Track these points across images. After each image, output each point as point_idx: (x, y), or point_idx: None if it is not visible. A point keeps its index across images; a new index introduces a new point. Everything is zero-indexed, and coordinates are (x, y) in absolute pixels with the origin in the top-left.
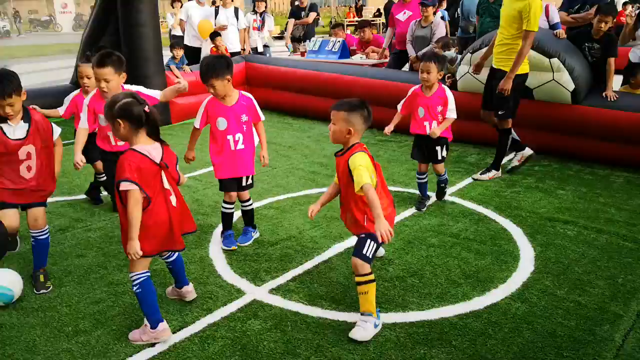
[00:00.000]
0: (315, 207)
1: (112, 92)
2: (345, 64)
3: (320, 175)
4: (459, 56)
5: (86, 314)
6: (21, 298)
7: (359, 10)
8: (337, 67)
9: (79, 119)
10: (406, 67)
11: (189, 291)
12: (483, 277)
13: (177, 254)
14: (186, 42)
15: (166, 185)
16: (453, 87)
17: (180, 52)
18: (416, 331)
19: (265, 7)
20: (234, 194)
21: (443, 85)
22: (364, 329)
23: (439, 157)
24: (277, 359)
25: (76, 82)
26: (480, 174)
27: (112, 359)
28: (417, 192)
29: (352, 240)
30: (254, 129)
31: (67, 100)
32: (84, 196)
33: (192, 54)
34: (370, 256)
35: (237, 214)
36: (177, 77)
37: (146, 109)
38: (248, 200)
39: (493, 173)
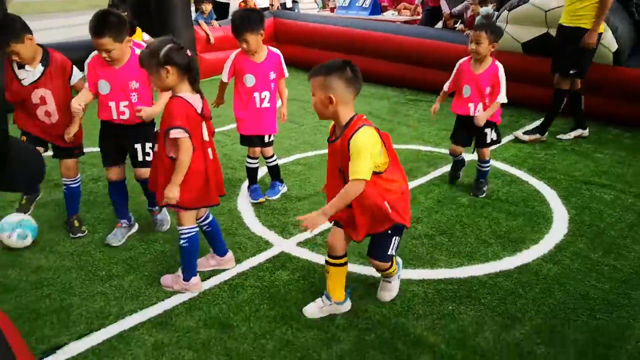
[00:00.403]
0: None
1: (119, 60)
2: (376, 20)
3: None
4: (496, 13)
5: (119, 260)
6: (57, 242)
7: None
8: (367, 23)
9: None
10: (439, 25)
11: (230, 259)
12: (514, 237)
13: (212, 216)
14: None
15: (205, 137)
16: None
17: (208, 7)
18: (444, 288)
19: None
20: (257, 149)
21: (497, 62)
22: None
23: (487, 141)
24: None
25: None
26: (523, 133)
27: (145, 302)
28: (447, 151)
29: None
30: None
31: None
32: None
33: (220, 9)
34: (395, 253)
35: (264, 170)
36: (205, 32)
37: (189, 52)
38: (272, 156)
39: (537, 136)
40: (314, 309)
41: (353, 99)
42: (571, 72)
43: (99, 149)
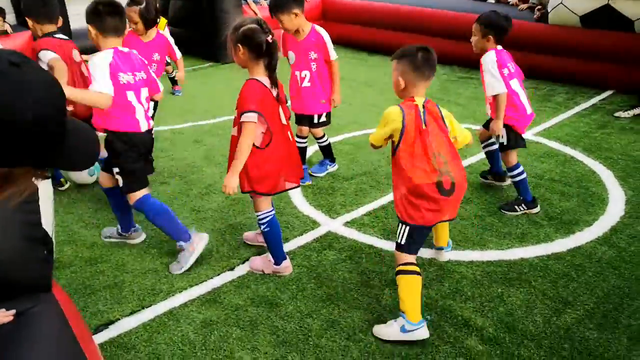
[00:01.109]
0: None
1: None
2: None
3: None
4: None
5: (167, 239)
6: (111, 221)
7: None
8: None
9: None
10: (492, 0)
11: (287, 266)
12: (567, 219)
13: (272, 213)
14: None
15: (284, 120)
16: (544, 19)
17: None
18: (494, 270)
19: None
20: (304, 128)
21: (487, 57)
22: (387, 327)
23: (499, 142)
24: (352, 289)
25: None
26: (624, 112)
27: (194, 280)
28: None
29: None
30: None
31: None
32: (166, 127)
33: None
34: (403, 242)
35: (315, 148)
36: (254, 11)
37: (269, 38)
38: (322, 137)
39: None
40: (381, 331)
41: (424, 83)
42: None
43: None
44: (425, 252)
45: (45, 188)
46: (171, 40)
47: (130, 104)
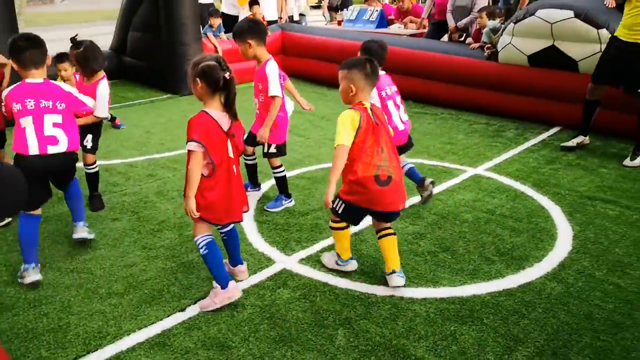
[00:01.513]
0: None
1: None
2: (383, 33)
3: None
4: (502, 26)
5: (119, 277)
6: (57, 259)
7: None
8: (373, 36)
9: None
10: (445, 38)
11: (242, 271)
12: (518, 255)
13: (233, 225)
14: (223, 9)
15: (231, 154)
16: (494, 57)
17: (217, 21)
18: (447, 307)
19: None
20: (249, 148)
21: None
22: (329, 257)
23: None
24: (306, 329)
25: (116, 47)
26: (631, 160)
27: (143, 322)
28: (452, 165)
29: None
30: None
31: None
32: (119, 161)
33: (230, 22)
34: (340, 211)
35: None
36: (213, 44)
37: (227, 76)
38: (277, 167)
39: None
40: (326, 260)
41: (370, 89)
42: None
43: (101, 163)
44: (379, 290)
45: None
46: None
47: (22, 129)
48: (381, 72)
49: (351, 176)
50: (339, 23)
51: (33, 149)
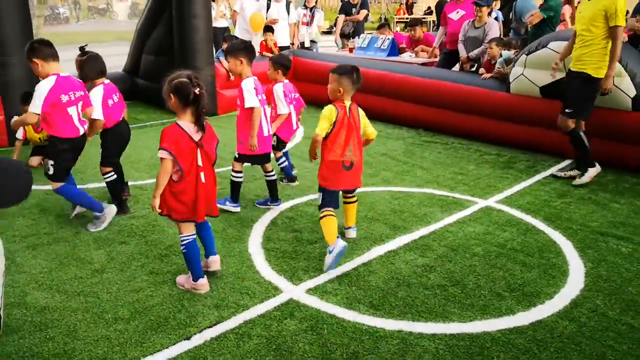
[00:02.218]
0: None
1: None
2: (394, 62)
3: (362, 174)
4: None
5: (125, 302)
6: (65, 281)
7: (409, 8)
8: (385, 64)
9: None
10: (456, 67)
11: (214, 261)
12: (529, 291)
13: (193, 237)
14: (237, 33)
15: (200, 162)
16: (506, 89)
17: None
18: (456, 344)
19: (316, 2)
20: (235, 163)
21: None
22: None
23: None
24: None
25: (130, 69)
26: (580, 179)
27: (149, 349)
28: (462, 196)
29: (393, 243)
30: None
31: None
32: (130, 183)
33: None
34: (320, 203)
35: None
36: (225, 69)
37: (197, 91)
38: (268, 171)
39: (593, 171)
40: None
41: (353, 91)
42: (566, 110)
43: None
44: (387, 324)
45: None
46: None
47: (70, 116)
48: (285, 80)
49: (324, 160)
50: (351, 50)
51: (79, 131)
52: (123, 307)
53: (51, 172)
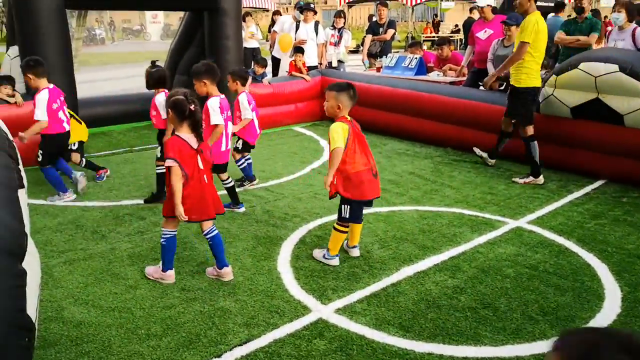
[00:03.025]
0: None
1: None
2: (422, 81)
3: (390, 193)
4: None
5: (158, 318)
6: (100, 297)
7: (436, 26)
8: (412, 83)
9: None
10: None
11: (228, 272)
12: (563, 315)
13: (216, 231)
14: (274, 53)
15: (201, 166)
16: (536, 108)
17: (261, 70)
18: None
19: (344, 22)
20: (222, 175)
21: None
22: (319, 251)
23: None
24: None
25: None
26: (520, 179)
27: None
28: (492, 216)
29: (422, 264)
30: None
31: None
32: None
33: (275, 65)
34: (348, 216)
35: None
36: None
37: (192, 107)
38: (224, 180)
39: (530, 179)
40: (317, 254)
41: (350, 108)
42: (512, 120)
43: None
44: (418, 346)
45: (32, 271)
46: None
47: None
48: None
49: (348, 173)
50: (378, 70)
51: (65, 128)
52: (156, 323)
53: (40, 159)
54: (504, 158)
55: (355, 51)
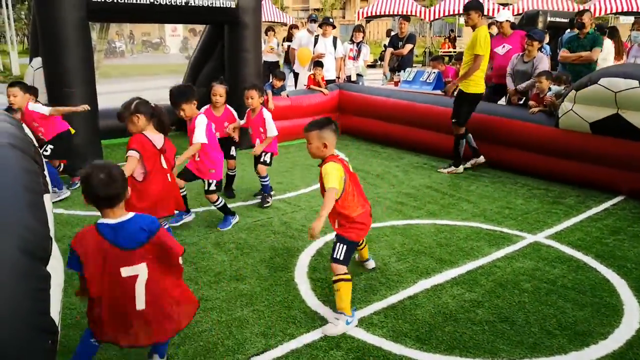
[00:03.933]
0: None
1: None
2: (440, 95)
3: (407, 207)
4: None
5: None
6: None
7: (452, 41)
8: (430, 97)
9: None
10: (502, 101)
11: None
12: (581, 330)
13: (167, 225)
14: (294, 68)
15: (164, 165)
16: (555, 124)
17: (279, 83)
18: None
19: (363, 37)
20: (180, 181)
21: (263, 109)
22: (335, 326)
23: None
24: None
25: None
26: (444, 169)
27: None
28: (510, 231)
29: (440, 277)
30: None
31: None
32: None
33: (295, 78)
34: (342, 258)
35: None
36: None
37: (153, 104)
38: (214, 201)
39: (452, 168)
40: (334, 330)
41: (335, 143)
42: (453, 120)
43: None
44: (435, 359)
45: (57, 274)
46: None
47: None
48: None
49: (350, 217)
50: (396, 84)
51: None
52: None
53: (48, 153)
54: (522, 174)
55: (373, 65)
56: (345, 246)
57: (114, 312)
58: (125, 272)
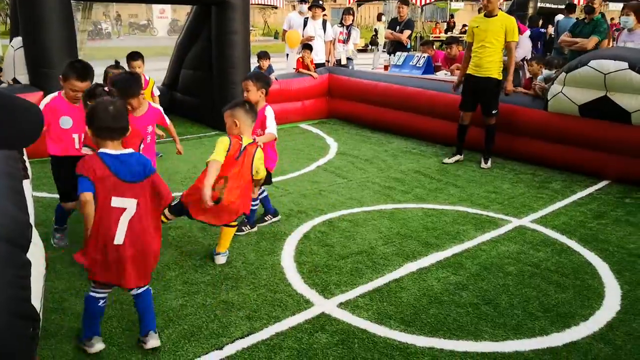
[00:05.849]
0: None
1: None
2: (429, 79)
3: (395, 191)
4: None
5: (159, 311)
6: None
7: (451, 28)
8: (419, 81)
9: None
10: None
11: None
12: (563, 312)
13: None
14: (287, 51)
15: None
16: (544, 107)
17: (266, 63)
18: None
19: (353, 20)
20: None
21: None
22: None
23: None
24: None
25: (169, 83)
26: (485, 163)
27: (181, 358)
28: (496, 215)
29: (425, 260)
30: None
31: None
32: None
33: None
34: (173, 210)
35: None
36: None
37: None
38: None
39: (489, 164)
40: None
41: (250, 124)
42: (494, 112)
43: None
44: (419, 340)
45: (38, 262)
46: None
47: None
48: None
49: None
50: (386, 68)
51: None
52: (158, 315)
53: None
54: (509, 158)
55: (364, 50)
56: (180, 205)
57: (98, 246)
58: (115, 202)
